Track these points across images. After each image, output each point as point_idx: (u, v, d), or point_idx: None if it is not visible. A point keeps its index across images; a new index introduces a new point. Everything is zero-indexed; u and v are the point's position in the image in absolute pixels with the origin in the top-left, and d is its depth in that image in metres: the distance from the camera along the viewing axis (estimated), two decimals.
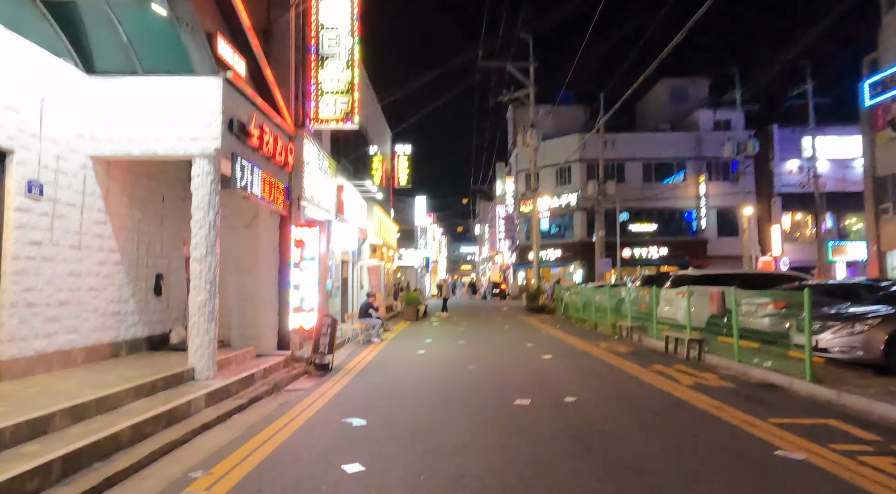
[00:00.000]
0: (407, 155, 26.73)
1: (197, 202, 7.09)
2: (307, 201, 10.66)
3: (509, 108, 47.68)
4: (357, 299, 16.34)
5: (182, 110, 7.07)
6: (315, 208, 11.40)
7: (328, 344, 9.66)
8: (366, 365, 9.98)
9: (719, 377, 8.19)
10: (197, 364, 6.94)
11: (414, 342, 13.62)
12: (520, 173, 41.86)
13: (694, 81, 41.98)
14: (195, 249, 7.07)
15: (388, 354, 11.42)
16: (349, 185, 15.52)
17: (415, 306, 20.87)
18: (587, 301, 19.50)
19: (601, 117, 28.11)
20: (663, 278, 15.70)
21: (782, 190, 35.65)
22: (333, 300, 14.44)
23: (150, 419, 5.13)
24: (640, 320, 14.42)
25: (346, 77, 10.50)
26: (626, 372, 8.78)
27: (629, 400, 6.70)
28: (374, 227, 19.55)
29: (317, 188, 11.35)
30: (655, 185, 37.00)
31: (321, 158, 11.75)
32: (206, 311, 7.02)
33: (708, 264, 35.01)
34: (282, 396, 7.44)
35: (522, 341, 13.55)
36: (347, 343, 13.07)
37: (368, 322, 13.69)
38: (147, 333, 8.36)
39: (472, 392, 7.25)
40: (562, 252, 38.22)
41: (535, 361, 10.17)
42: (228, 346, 9.58)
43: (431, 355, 11.21)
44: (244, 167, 7.63)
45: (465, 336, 14.61)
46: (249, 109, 7.92)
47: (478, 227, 73.58)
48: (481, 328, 17.37)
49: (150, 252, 8.48)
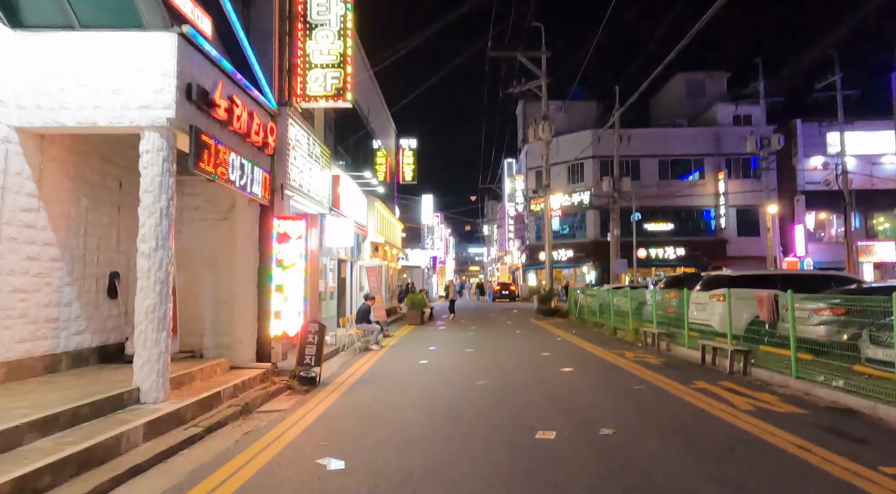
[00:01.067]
0: (412, 150, 25.40)
1: (146, 184, 5.79)
2: (294, 191, 9.36)
3: (519, 104, 46.30)
4: (356, 301, 15.03)
5: (128, 73, 5.79)
6: (304, 199, 10.10)
7: (315, 355, 8.35)
8: (359, 379, 8.66)
9: (780, 399, 6.78)
10: (143, 384, 5.63)
11: (417, 349, 12.28)
12: (530, 171, 40.42)
13: (711, 75, 40.38)
14: (143, 241, 5.78)
15: (386, 364, 10.09)
16: (347, 177, 14.22)
17: (420, 309, 19.52)
18: (605, 304, 18.08)
19: (617, 110, 26.66)
20: (692, 279, 14.26)
21: (806, 188, 34.04)
22: (328, 303, 13.13)
23: (51, 465, 3.82)
24: (667, 325, 13.00)
25: (337, 48, 9.19)
26: (665, 391, 7.38)
27: (681, 433, 5.32)
28: (376, 224, 18.24)
29: (306, 177, 10.05)
30: (672, 182, 35.46)
31: (311, 144, 10.45)
32: (156, 317, 5.72)
33: (727, 265, 33.36)
34: (251, 421, 6.13)
35: (537, 349, 12.17)
36: (343, 351, 11.76)
37: (366, 328, 12.37)
38: (98, 342, 7.08)
39: (481, 420, 5.88)
40: (574, 252, 36.74)
41: (555, 375, 8.79)
42: (200, 357, 8.30)
43: (435, 366, 9.86)
44: (207, 145, 6.33)
45: (474, 343, 13.25)
46: (215, 74, 6.61)
47: (486, 227, 72.12)
48: (491, 333, 16.00)
49: (102, 247, 7.20)
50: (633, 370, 9.12)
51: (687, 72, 40.42)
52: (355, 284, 15.75)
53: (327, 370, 9.47)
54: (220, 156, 6.62)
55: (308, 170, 10.16)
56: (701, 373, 8.85)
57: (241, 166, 7.30)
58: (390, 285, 23.71)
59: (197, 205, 8.70)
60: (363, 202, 16.64)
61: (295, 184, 9.38)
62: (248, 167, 7.61)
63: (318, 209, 11.31)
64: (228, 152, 6.88)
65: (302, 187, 9.78)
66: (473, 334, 15.59)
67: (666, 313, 13.56)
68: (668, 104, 41.02)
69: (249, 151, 7.80)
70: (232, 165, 6.98)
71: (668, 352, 11.73)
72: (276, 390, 7.67)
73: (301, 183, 9.73)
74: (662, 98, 42.40)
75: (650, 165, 35.77)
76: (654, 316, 13.49)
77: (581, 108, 40.76)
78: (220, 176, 6.65)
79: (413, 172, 25.21)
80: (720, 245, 35.04)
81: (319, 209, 11.35)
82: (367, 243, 17.61)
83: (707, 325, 11.70)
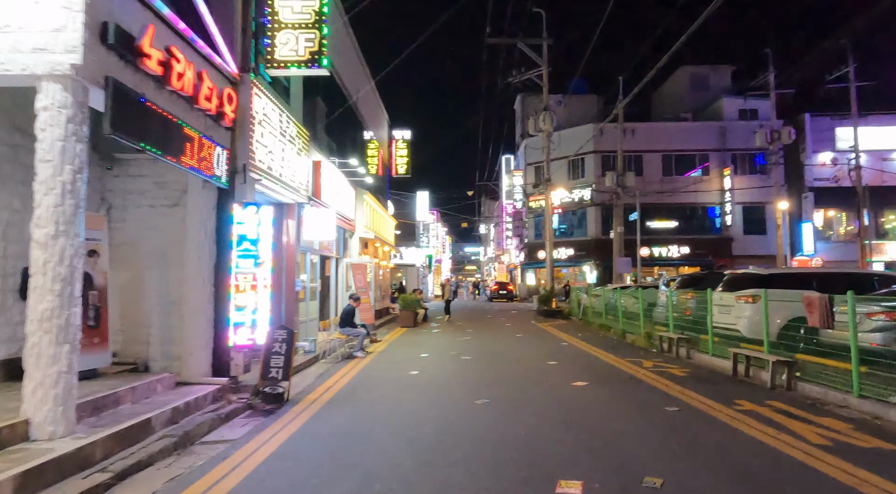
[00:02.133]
0: (406, 141, 23.99)
1: (44, 152, 4.43)
2: (261, 173, 7.98)
3: (517, 99, 44.96)
4: (342, 302, 13.65)
5: (18, 5, 4.41)
6: (275, 185, 8.73)
7: (282, 367, 7.00)
8: (335, 395, 7.29)
9: (852, 427, 5.44)
10: (34, 414, 4.26)
11: (407, 356, 10.93)
12: (529, 167, 39.09)
13: (716, 68, 39.18)
14: (38, 226, 4.41)
15: (369, 376, 8.73)
16: (331, 165, 12.85)
17: (413, 310, 18.15)
18: (611, 305, 16.77)
19: (620, 100, 25.35)
20: (710, 278, 12.97)
21: (814, 184, 32.88)
22: (308, 304, 11.76)
23: None
24: (683, 329, 11.71)
25: (311, 6, 7.81)
26: (706, 415, 6.04)
27: (752, 485, 3.97)
28: (366, 219, 16.86)
29: (278, 159, 8.68)
30: (676, 179, 34.21)
31: (285, 122, 9.08)
32: (54, 326, 4.35)
33: (733, 263, 32.18)
34: (187, 458, 4.76)
35: (542, 356, 10.83)
36: (324, 359, 10.39)
37: (351, 332, 11.00)
38: (4, 354, 5.70)
39: (483, 461, 4.51)
40: (574, 251, 35.43)
41: (568, 391, 7.45)
42: (146, 370, 6.94)
43: (427, 377, 8.51)
44: (131, 103, 4.95)
45: (471, 349, 11.90)
46: (144, 15, 5.23)
47: (483, 227, 70.80)
48: (489, 336, 14.66)
49: (11, 237, 5.83)
50: (658, 385, 7.79)
51: (690, 65, 39.22)
52: (341, 283, 14.37)
53: (302, 382, 8.11)
54: (153, 120, 5.24)
55: (280, 151, 8.79)
56: (738, 388, 7.53)
57: (185, 138, 5.92)
58: (382, 285, 22.34)
59: (143, 189, 7.32)
60: (350, 194, 15.27)
61: (262, 166, 8.01)
62: (198, 141, 6.22)
63: (295, 198, 9.94)
64: (166, 118, 5.50)
65: (272, 170, 8.41)
66: (470, 338, 14.25)
67: (683, 315, 12.25)
68: (671, 99, 39.77)
69: (199, 121, 6.42)
70: (171, 135, 5.60)
71: (689, 360, 10.42)
72: (233, 410, 6.31)
73: (271, 165, 8.35)
74: (664, 93, 41.13)
75: (653, 160, 34.51)
76: (669, 319, 12.18)
77: (581, 102, 39.50)
78: (153, 147, 5.27)
79: (407, 165, 23.81)
80: (725, 243, 33.83)
81: (296, 198, 9.98)
82: (355, 239, 16.23)
83: (731, 329, 10.39)
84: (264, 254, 7.35)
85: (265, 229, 7.37)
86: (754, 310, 10.01)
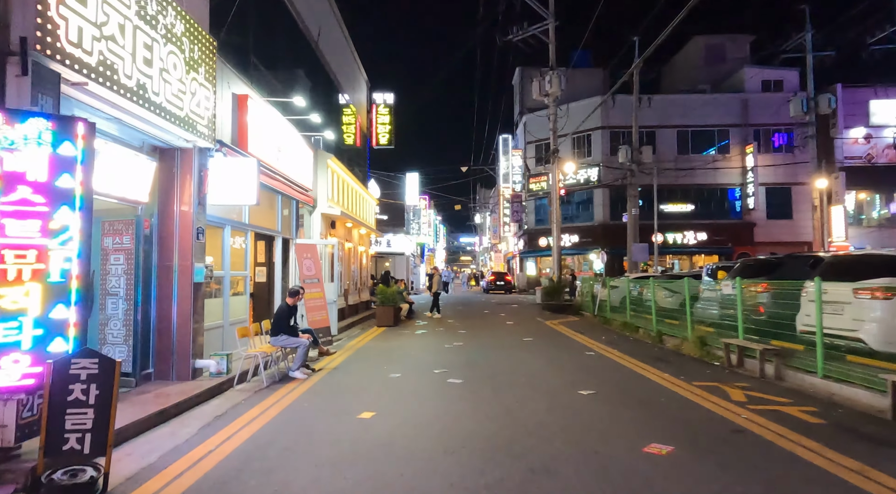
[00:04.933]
0: (388, 106, 20.38)
1: None
2: (82, 68, 4.44)
3: (515, 73, 41.25)
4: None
5: None
6: (136, 108, 5.19)
7: (90, 429, 3.56)
8: (201, 479, 3.83)
9: None
10: None
11: (369, 377, 7.46)
12: (529, 145, 35.51)
13: (733, 38, 35.61)
14: None
15: (293, 422, 5.26)
16: (269, 108, 9.29)
17: (393, 306, 14.69)
18: (636, 300, 13.39)
19: (636, 64, 21.79)
20: (791, 263, 9.59)
21: (844, 164, 29.60)
22: (227, 303, 8.23)
23: None
24: (761, 334, 8.34)
25: None
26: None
27: None
28: (331, 191, 13.32)
29: (134, 56, 5.15)
30: (692, 157, 30.83)
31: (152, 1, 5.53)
32: None
33: (755, 251, 28.89)
34: None
35: (568, 376, 7.40)
36: (245, 382, 6.95)
37: (285, 343, 7.49)
38: None
39: None
40: (579, 238, 32.03)
41: (647, 471, 4.02)
42: None
43: (386, 428, 5.04)
44: None
45: (464, 362, 8.46)
46: None
47: (478, 216, 67.25)
48: (488, 340, 11.20)
49: None
50: (788, 446, 4.35)
51: (705, 35, 35.72)
52: (293, 271, 10.84)
53: (175, 433, 4.65)
54: None
55: (142, 47, 5.25)
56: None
57: None
58: (360, 275, 18.85)
59: None
60: (307, 156, 11.73)
61: (87, 57, 4.47)
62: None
63: (191, 138, 6.41)
64: None
65: (117, 70, 4.87)
66: (463, 343, 10.80)
67: (755, 313, 8.87)
68: (683, 72, 36.24)
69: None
70: None
71: (782, 382, 7.05)
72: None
73: (114, 62, 4.82)
74: (676, 65, 37.61)
75: (667, 137, 31.09)
76: (739, 322, 8.76)
77: (586, 75, 35.81)
78: None
79: (389, 135, 20.22)
80: (747, 229, 30.50)
81: (194, 139, 6.45)
82: (316, 216, 12.69)
83: (848, 336, 7.00)
84: (67, 217, 3.85)
85: (82, 170, 3.87)
86: (891, 311, 6.63)
